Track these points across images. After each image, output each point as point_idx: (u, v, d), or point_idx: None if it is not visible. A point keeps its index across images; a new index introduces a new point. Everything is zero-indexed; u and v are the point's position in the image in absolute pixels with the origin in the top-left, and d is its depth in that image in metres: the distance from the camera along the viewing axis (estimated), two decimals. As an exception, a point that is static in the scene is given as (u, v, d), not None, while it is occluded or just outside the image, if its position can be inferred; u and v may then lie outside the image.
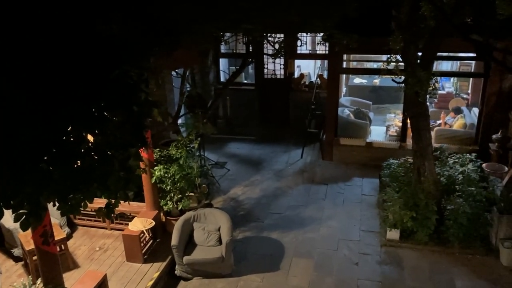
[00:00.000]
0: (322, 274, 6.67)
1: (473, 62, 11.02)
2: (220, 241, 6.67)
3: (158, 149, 7.44)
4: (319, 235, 7.62)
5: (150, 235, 7.03)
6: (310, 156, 10.62)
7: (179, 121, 8.99)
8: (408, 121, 8.23)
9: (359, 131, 10.25)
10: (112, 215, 3.59)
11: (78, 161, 3.08)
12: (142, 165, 6.41)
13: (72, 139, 3.01)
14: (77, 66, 2.94)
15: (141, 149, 3.58)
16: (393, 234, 7.26)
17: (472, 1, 5.26)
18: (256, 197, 8.89)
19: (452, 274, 6.58)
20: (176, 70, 8.98)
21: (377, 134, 10.71)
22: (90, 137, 3.14)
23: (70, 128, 3.00)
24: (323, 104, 10.64)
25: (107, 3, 3.32)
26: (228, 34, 8.79)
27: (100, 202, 3.55)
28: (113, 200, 3.50)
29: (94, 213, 5.80)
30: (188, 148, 7.45)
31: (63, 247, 6.48)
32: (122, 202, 3.61)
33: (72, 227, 7.50)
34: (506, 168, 8.30)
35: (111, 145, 3.21)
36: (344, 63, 10.20)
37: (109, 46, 3.17)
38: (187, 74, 9.24)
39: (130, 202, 6.73)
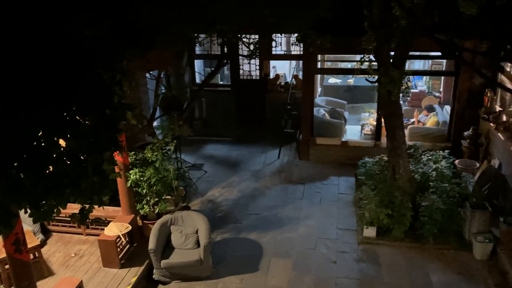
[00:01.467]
0: (300, 274, 6.70)
1: (444, 61, 11.26)
2: (198, 243, 6.63)
3: (133, 152, 7.34)
4: (297, 234, 7.65)
5: (127, 239, 6.93)
6: (287, 156, 10.65)
7: (155, 123, 8.89)
8: (382, 119, 8.35)
9: (335, 131, 10.34)
10: (87, 220, 3.53)
11: (50, 167, 3.01)
12: (116, 169, 6.31)
13: (43, 144, 2.94)
14: (47, 69, 2.87)
15: (116, 153, 3.53)
16: (370, 232, 7.34)
17: (438, 1, 5.34)
18: (234, 198, 8.87)
19: (428, 269, 6.69)
20: (151, 72, 8.89)
21: (352, 133, 10.83)
22: (62, 142, 3.08)
23: (41, 133, 2.93)
24: (299, 104, 10.70)
25: (79, 5, 3.26)
26: (202, 35, 8.74)
27: (74, 208, 3.48)
28: (87, 206, 3.44)
29: (69, 219, 5.69)
30: (164, 151, 7.38)
31: (37, 255, 6.34)
32: (96, 207, 3.55)
33: (46, 233, 7.34)
34: (478, 164, 8.51)
35: (84, 150, 3.15)
36: (319, 63, 10.28)
37: (81, 49, 3.11)
38: (162, 75, 9.16)
39: (105, 207, 6.64)
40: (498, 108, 8.39)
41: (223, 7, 5.64)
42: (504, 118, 7.98)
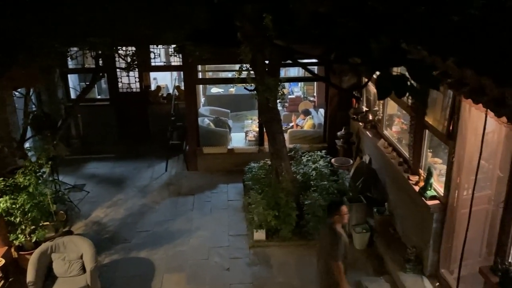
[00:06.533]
0: (195, 286, 6.66)
1: (316, 67, 12.03)
2: (84, 269, 6.24)
3: (2, 179, 6.68)
4: (189, 247, 7.58)
5: (0, 275, 6.27)
6: (175, 168, 10.52)
7: (26, 144, 8.16)
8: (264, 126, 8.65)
9: (220, 139, 10.49)
10: None
11: None
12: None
13: None
14: None
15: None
16: (260, 235, 7.56)
17: (273, 8, 5.56)
18: (121, 217, 8.51)
19: (316, 265, 7.05)
20: (18, 90, 8.17)
21: (237, 140, 11.06)
22: None
23: None
24: (183, 115, 10.64)
25: None
26: (74, 48, 8.27)
27: None
28: None
29: None
30: (38, 174, 6.84)
31: None
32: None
33: None
34: (351, 161, 9.24)
35: None
36: (200, 73, 10.35)
37: None
38: (31, 93, 8.47)
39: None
40: (364, 109, 9.19)
41: (93, 19, 5.40)
42: (370, 117, 8.78)
